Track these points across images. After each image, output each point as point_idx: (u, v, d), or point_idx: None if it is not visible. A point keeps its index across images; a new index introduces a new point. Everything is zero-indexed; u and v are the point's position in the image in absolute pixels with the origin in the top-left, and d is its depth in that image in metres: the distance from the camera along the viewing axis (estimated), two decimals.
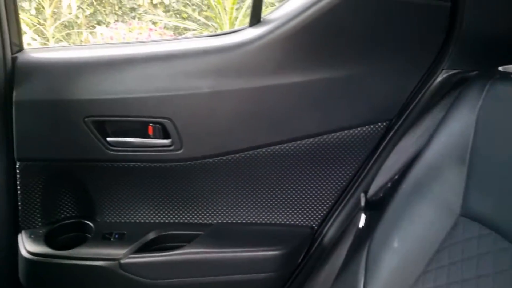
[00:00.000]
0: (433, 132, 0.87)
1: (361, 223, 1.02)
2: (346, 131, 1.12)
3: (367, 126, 1.12)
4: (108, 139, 1.11)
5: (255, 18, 1.10)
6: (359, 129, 1.12)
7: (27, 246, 1.14)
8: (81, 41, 3.84)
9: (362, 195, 1.02)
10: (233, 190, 1.18)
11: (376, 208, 0.99)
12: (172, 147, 1.11)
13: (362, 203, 1.02)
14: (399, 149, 1.05)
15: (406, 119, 1.10)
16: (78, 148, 1.12)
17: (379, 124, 1.11)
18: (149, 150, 1.12)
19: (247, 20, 1.10)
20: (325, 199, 1.19)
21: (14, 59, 1.09)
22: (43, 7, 3.69)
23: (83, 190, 1.19)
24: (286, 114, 1.10)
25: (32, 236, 1.16)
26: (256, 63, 1.07)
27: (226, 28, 3.63)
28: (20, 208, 1.16)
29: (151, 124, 1.10)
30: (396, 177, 0.97)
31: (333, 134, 1.12)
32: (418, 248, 0.78)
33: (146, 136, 1.11)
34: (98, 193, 1.19)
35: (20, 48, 1.12)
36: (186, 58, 1.09)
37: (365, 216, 1.02)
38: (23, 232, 1.17)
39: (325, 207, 1.20)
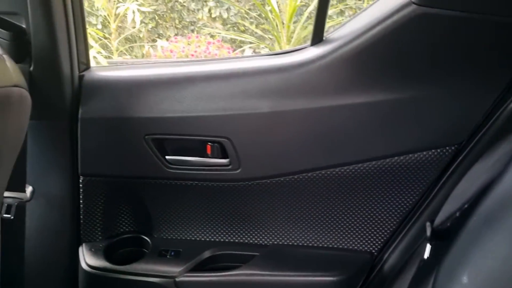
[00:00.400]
0: (509, 159, 0.81)
1: (426, 254, 0.96)
2: (410, 155, 1.06)
3: (433, 150, 1.06)
4: (167, 157, 1.12)
5: (318, 37, 1.08)
6: (424, 153, 1.06)
7: (87, 259, 1.17)
8: (143, 54, 3.97)
9: (428, 224, 0.96)
10: (290, 212, 1.16)
11: (443, 238, 0.93)
12: (230, 167, 1.10)
13: (428, 232, 0.96)
14: (470, 176, 0.98)
15: (477, 143, 1.03)
16: (138, 165, 1.13)
17: (447, 148, 1.05)
18: (207, 169, 1.12)
19: (305, 33, 1.08)
20: (387, 224, 1.14)
21: (81, 77, 1.13)
22: (109, 22, 3.85)
23: (142, 206, 1.21)
24: (347, 136, 1.06)
25: (92, 249, 1.19)
26: (317, 83, 1.04)
27: (283, 41, 3.63)
28: (81, 221, 1.20)
29: (209, 143, 1.10)
30: (465, 206, 0.91)
31: (396, 157, 1.07)
32: (491, 286, 0.72)
33: (204, 155, 1.11)
34: (156, 209, 1.20)
35: (87, 67, 1.16)
36: (246, 77, 1.09)
37: (430, 246, 0.96)
38: (84, 245, 1.20)
39: (386, 233, 1.14)
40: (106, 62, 3.19)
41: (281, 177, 1.11)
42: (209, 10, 4.19)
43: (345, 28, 1.07)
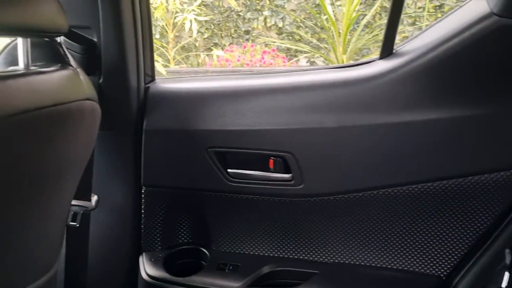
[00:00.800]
0: None
1: (504, 283, 0.89)
2: (486, 175, 1.00)
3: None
4: (228, 170, 1.11)
5: (387, 50, 1.03)
6: (502, 173, 0.99)
7: (147, 268, 1.17)
8: (198, 62, 4.03)
9: (508, 251, 0.90)
10: (353, 230, 1.11)
11: None
12: (292, 182, 1.08)
13: (508, 260, 0.89)
14: None
15: None
16: (199, 177, 1.13)
17: None
18: (268, 183, 1.10)
19: (362, 43, 1.04)
20: (457, 247, 1.07)
21: (146, 89, 1.14)
22: (167, 31, 3.94)
23: (201, 218, 1.20)
24: (417, 153, 1.01)
25: (152, 259, 1.19)
26: (386, 98, 1.00)
27: (339, 51, 3.58)
28: (142, 231, 1.21)
29: (272, 158, 1.08)
30: None
31: (470, 177, 1.00)
32: None
33: (266, 169, 1.09)
34: (216, 222, 1.20)
35: (152, 79, 1.18)
36: (312, 91, 1.06)
37: (509, 275, 0.89)
38: (144, 254, 1.21)
39: (456, 257, 1.08)
40: (164, 71, 3.26)
41: (345, 194, 1.07)
42: (265, 19, 4.20)
43: (417, 41, 1.02)
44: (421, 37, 1.03)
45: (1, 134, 0.63)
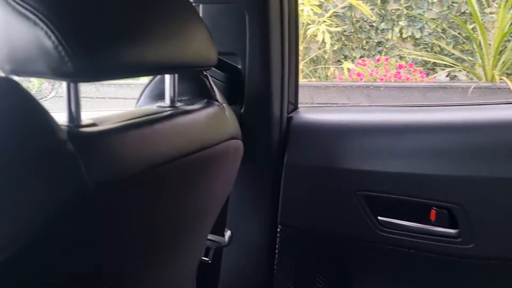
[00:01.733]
0: None
1: None
2: None
3: None
4: (379, 218, 0.96)
5: None
6: None
7: None
8: (327, 76, 3.90)
9: None
10: None
11: None
12: (459, 240, 0.89)
13: None
14: None
15: None
16: (344, 222, 1.00)
17: None
18: (428, 238, 0.92)
19: None
20: None
21: (289, 119, 1.04)
22: None
23: (341, 267, 1.07)
24: None
25: None
26: None
27: (489, 64, 3.19)
28: (275, 272, 1.10)
29: (434, 208, 0.90)
30: None
31: None
32: None
33: (426, 221, 0.92)
34: (358, 272, 1.05)
35: (295, 107, 1.07)
36: (490, 131, 0.87)
37: None
38: None
39: None
40: None
41: None
42: (400, 30, 3.92)
43: None
44: None
45: (146, 184, 0.57)
